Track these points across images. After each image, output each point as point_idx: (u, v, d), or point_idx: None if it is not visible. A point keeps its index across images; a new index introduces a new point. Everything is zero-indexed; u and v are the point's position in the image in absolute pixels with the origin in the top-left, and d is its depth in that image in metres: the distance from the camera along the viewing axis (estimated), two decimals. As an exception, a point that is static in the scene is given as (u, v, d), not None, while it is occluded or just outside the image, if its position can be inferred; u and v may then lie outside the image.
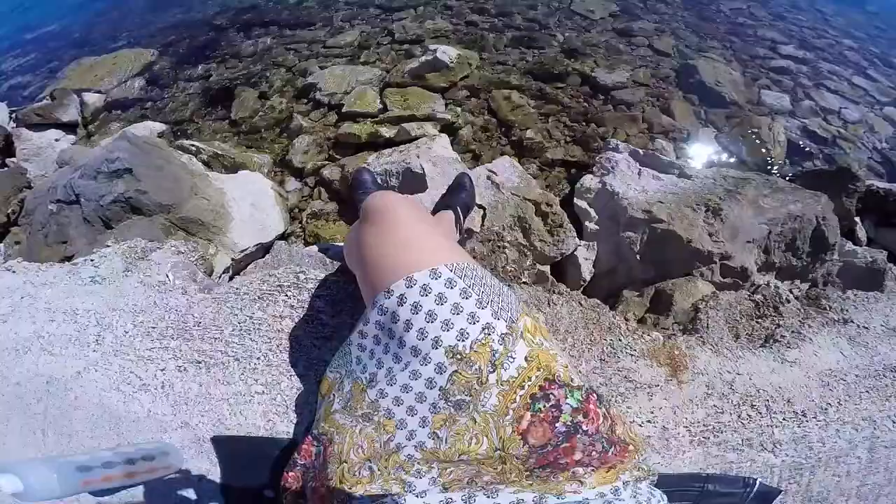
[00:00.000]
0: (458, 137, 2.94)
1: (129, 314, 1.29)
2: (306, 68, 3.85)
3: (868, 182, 2.72)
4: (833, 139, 3.41)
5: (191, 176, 2.31)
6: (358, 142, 2.88)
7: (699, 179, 2.18)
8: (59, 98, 4.10)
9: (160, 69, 4.59)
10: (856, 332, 1.34)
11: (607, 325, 1.28)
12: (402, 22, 4.39)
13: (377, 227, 0.86)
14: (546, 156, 2.83)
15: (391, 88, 3.34)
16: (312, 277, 1.33)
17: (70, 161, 2.85)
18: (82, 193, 2.13)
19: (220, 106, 3.66)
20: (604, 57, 3.87)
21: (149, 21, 6.32)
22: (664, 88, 3.60)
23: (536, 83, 3.46)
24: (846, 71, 4.45)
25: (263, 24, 4.95)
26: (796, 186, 2.18)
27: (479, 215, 1.92)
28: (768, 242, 2.00)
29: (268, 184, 2.60)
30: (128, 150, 2.20)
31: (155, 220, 2.06)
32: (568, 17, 4.57)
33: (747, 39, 4.69)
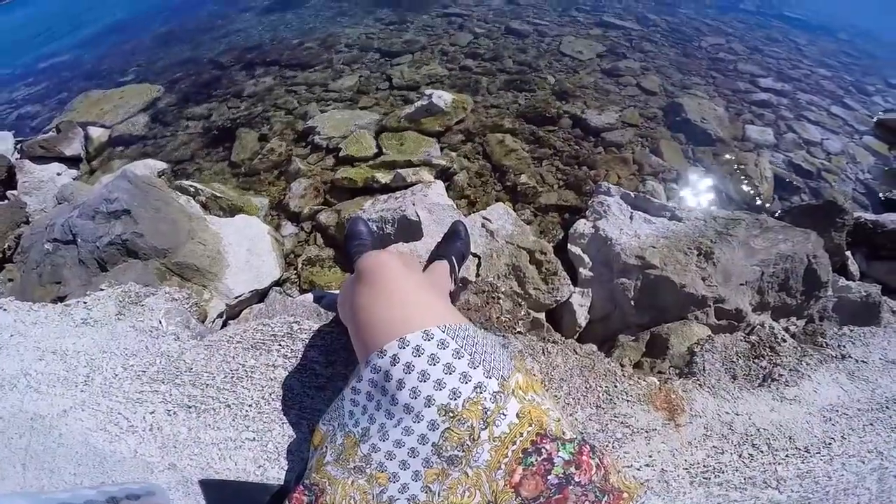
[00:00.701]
0: (453, 183, 2.98)
1: (120, 357, 1.30)
2: (306, 111, 3.95)
3: (856, 215, 2.77)
4: (818, 172, 3.47)
5: (188, 219, 2.33)
6: (354, 186, 2.91)
7: (690, 222, 2.21)
8: (65, 131, 4.18)
9: (165, 106, 4.71)
10: (855, 367, 1.35)
11: (602, 372, 1.29)
12: (400, 67, 4.53)
13: (371, 288, 0.89)
14: (540, 201, 2.86)
15: (388, 133, 3.41)
16: (306, 328, 1.34)
17: (70, 197, 2.87)
18: (79, 234, 2.14)
19: (221, 147, 3.74)
20: (593, 98, 3.97)
21: (158, 56, 6.56)
22: (652, 128, 3.67)
23: (529, 126, 3.54)
24: (824, 101, 4.58)
25: (266, 64, 5.13)
26: (786, 225, 2.22)
27: (474, 264, 1.93)
28: (761, 283, 2.02)
29: (264, 228, 2.62)
30: (127, 191, 2.23)
31: (150, 265, 2.07)
32: (557, 58, 4.70)
33: (728, 74, 4.83)
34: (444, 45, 5.03)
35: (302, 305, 1.68)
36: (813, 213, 2.65)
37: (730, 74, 4.80)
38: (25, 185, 3.42)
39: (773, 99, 4.36)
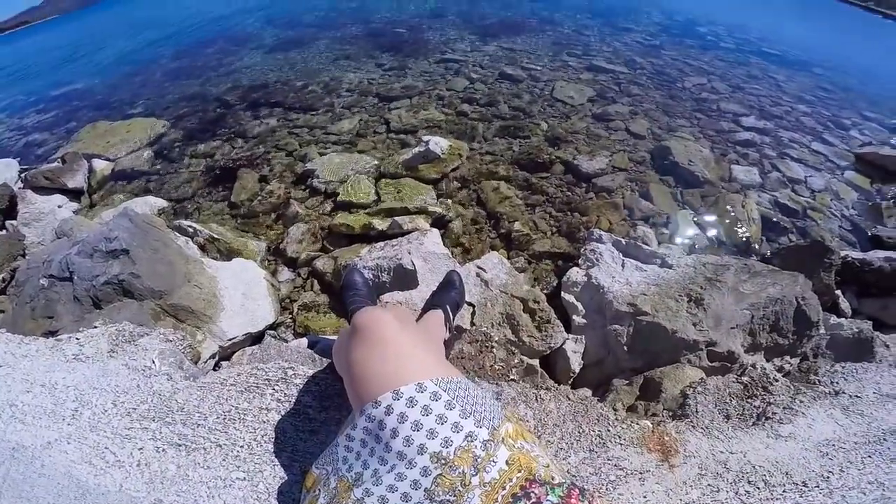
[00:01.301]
0: (448, 230, 3.02)
1: (111, 394, 1.30)
2: (306, 154, 4.02)
3: (843, 253, 2.83)
4: (804, 211, 3.55)
5: (186, 262, 2.35)
6: (352, 233, 2.93)
7: (680, 269, 2.27)
8: (70, 162, 4.23)
9: (170, 142, 4.81)
10: (849, 402, 1.38)
11: (595, 417, 1.31)
12: (398, 112, 4.65)
13: (366, 343, 0.92)
14: (534, 248, 2.90)
15: (385, 179, 3.46)
16: (301, 373, 1.35)
17: (69, 233, 2.88)
18: (76, 271, 2.14)
19: (222, 186, 3.79)
20: (584, 143, 4.07)
21: (166, 90, 6.76)
22: (642, 172, 3.75)
23: (523, 172, 3.61)
24: (805, 138, 4.72)
25: (270, 105, 5.27)
26: (773, 269, 2.27)
27: (469, 312, 1.95)
28: (752, 326, 2.05)
29: (261, 273, 2.65)
30: (128, 230, 2.26)
31: (145, 305, 2.08)
32: (550, 104, 4.85)
33: (712, 114, 4.99)
34: (441, 90, 5.17)
35: (297, 351, 1.70)
36: (801, 254, 2.71)
37: (713, 115, 4.96)
38: (25, 216, 3.42)
39: (756, 138, 4.50)
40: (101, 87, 8.11)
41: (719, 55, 7.45)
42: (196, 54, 8.91)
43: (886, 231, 3.39)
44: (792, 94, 6.05)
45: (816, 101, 5.95)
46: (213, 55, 8.40)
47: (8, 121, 7.65)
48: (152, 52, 10.34)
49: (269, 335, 2.40)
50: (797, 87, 6.37)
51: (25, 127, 6.88)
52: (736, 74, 6.50)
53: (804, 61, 8.17)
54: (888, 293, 2.73)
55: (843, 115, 5.59)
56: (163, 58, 9.32)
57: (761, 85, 6.21)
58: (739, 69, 6.82)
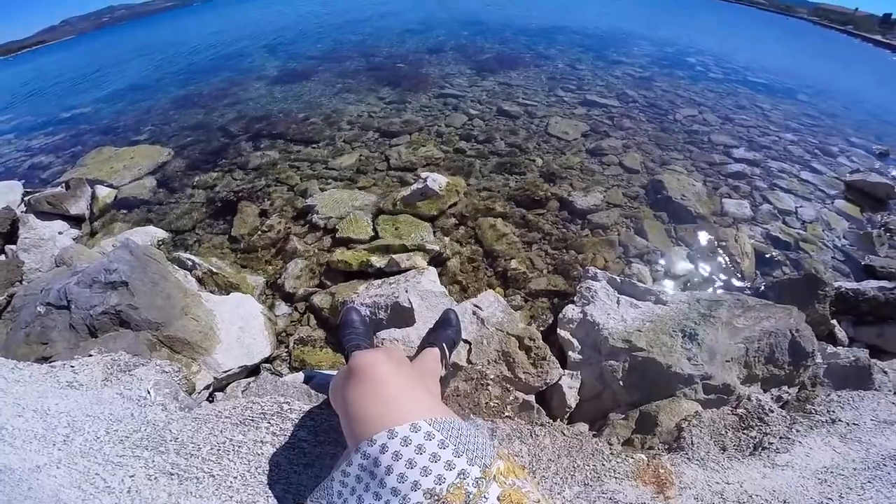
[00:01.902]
0: (446, 268, 3.04)
1: (104, 421, 1.29)
2: (307, 188, 4.05)
3: (837, 284, 2.89)
4: (796, 243, 3.58)
5: (184, 295, 2.38)
6: (349, 269, 2.95)
7: (675, 305, 2.31)
8: (74, 188, 4.23)
9: (172, 171, 4.85)
10: (846, 430, 1.38)
11: (590, 451, 1.31)
12: (398, 148, 4.70)
13: (362, 384, 0.96)
14: (530, 286, 2.92)
15: (384, 216, 3.48)
16: (297, 408, 1.36)
17: (69, 261, 2.90)
18: (74, 301, 2.15)
19: (222, 219, 3.82)
20: (579, 178, 4.13)
21: (172, 117, 6.87)
22: (636, 207, 3.80)
23: (519, 209, 3.65)
24: (793, 167, 4.81)
25: (273, 137, 5.34)
26: (767, 303, 2.30)
27: (465, 350, 1.96)
28: (747, 358, 2.07)
29: (258, 308, 2.66)
30: (128, 262, 2.28)
31: (141, 336, 2.09)
32: (545, 139, 4.93)
33: (703, 147, 5.08)
34: (440, 126, 5.25)
35: (293, 386, 1.70)
36: (795, 286, 2.76)
37: (704, 147, 5.07)
38: (25, 242, 3.41)
39: (746, 169, 4.59)
40: (109, 111, 8.27)
41: (709, 86, 7.70)
42: (202, 82, 9.10)
43: (879, 260, 3.44)
44: (779, 122, 6.23)
45: (803, 128, 6.13)
46: (218, 84, 8.58)
47: (16, 141, 7.77)
48: (161, 79, 10.58)
49: (265, 368, 2.40)
50: (783, 116, 6.57)
51: (32, 148, 6.98)
52: (725, 105, 6.70)
53: (789, 88, 8.47)
54: (884, 320, 2.77)
55: (830, 141, 5.77)
56: (170, 85, 9.53)
57: (749, 115, 6.39)
58: (728, 99, 7.05)
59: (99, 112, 8.39)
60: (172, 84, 9.60)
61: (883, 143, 5.96)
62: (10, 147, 7.41)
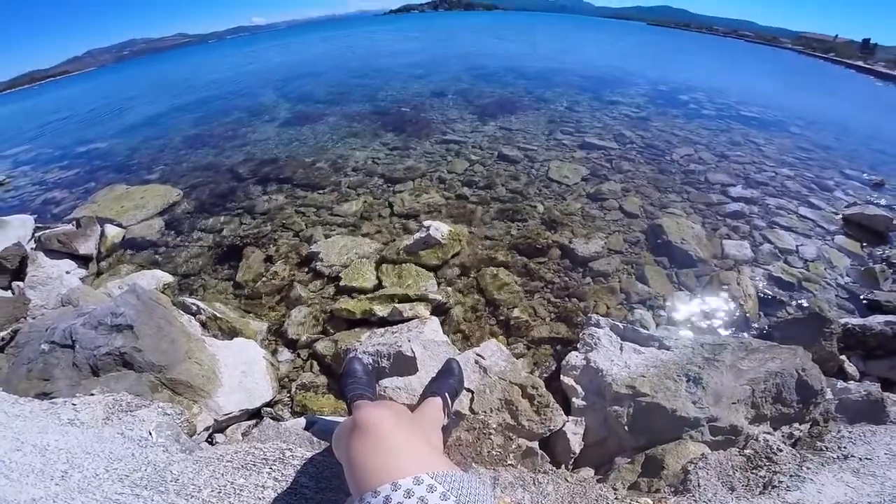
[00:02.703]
0: (448, 317, 3.05)
1: (104, 460, 1.28)
2: (312, 235, 4.11)
3: (843, 321, 2.87)
4: (798, 283, 3.55)
5: (188, 339, 2.41)
6: (353, 318, 2.96)
7: (678, 350, 2.31)
8: (85, 227, 4.29)
9: (181, 213, 4.93)
10: (859, 465, 1.37)
11: (594, 497, 1.31)
12: (401, 195, 4.76)
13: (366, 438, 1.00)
14: (532, 334, 2.91)
15: (387, 264, 3.51)
16: (299, 455, 1.36)
17: (75, 302, 2.92)
18: (79, 341, 2.17)
19: (228, 264, 3.86)
20: (580, 225, 4.15)
21: (183, 157, 7.04)
22: (637, 253, 3.80)
23: (521, 258, 3.66)
24: (791, 203, 4.82)
25: (279, 181, 5.44)
26: (771, 344, 2.29)
27: (467, 398, 1.97)
28: (754, 399, 2.05)
29: (261, 353, 2.68)
30: (134, 307, 2.31)
31: (144, 377, 2.10)
32: (546, 185, 4.99)
33: (700, 187, 5.11)
34: (443, 171, 5.34)
35: (295, 433, 1.70)
36: (799, 326, 2.76)
37: (702, 187, 5.11)
38: (33, 279, 3.43)
39: (744, 208, 4.60)
40: (123, 148, 8.49)
41: (703, 123, 7.86)
42: (214, 121, 9.33)
43: (884, 295, 3.43)
44: (774, 157, 6.32)
45: (798, 162, 6.21)
46: (230, 125, 8.79)
47: (32, 174, 7.96)
48: (175, 116, 10.88)
49: (266, 412, 2.40)
50: (778, 150, 6.67)
51: (47, 182, 7.14)
52: (720, 142, 6.81)
53: (780, 121, 8.63)
54: (894, 353, 2.74)
55: (825, 175, 5.82)
56: (184, 123, 9.79)
57: (744, 151, 6.49)
58: (722, 136, 7.16)
59: (114, 148, 8.65)
60: (186, 122, 9.92)
61: (877, 173, 6.04)
62: (26, 179, 7.61)
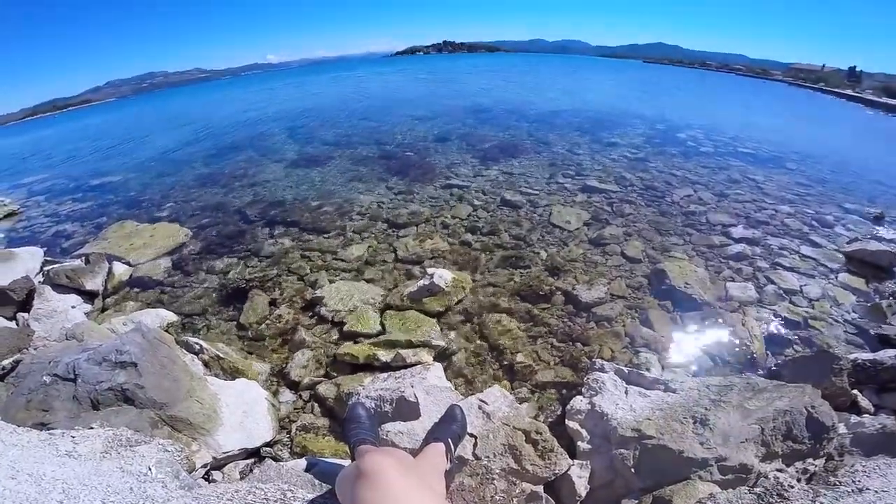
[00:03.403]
0: (451, 363, 3.05)
1: (101, 492, 1.26)
2: (316, 280, 4.16)
3: (853, 356, 2.84)
4: (805, 321, 3.52)
5: (190, 378, 2.43)
6: (356, 362, 2.98)
7: (684, 392, 2.31)
8: (93, 264, 4.35)
9: (188, 253, 4.99)
10: (875, 497, 1.34)
11: None
12: (405, 240, 4.81)
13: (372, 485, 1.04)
14: (537, 378, 2.90)
15: (391, 311, 3.54)
16: (300, 497, 1.35)
17: (80, 336, 2.95)
18: (82, 375, 2.19)
19: (233, 306, 3.90)
20: (582, 271, 4.16)
21: (193, 196, 7.17)
22: (640, 298, 3.79)
23: (524, 304, 3.67)
24: (793, 242, 4.80)
25: (286, 224, 5.52)
26: (778, 384, 2.27)
27: (470, 443, 1.96)
28: (764, 437, 2.03)
29: (262, 394, 2.69)
30: (139, 345, 2.35)
31: (144, 413, 2.10)
32: (548, 230, 5.03)
33: (701, 229, 5.11)
34: (446, 217, 5.40)
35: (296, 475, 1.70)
36: (808, 364, 2.76)
37: (703, 229, 5.12)
38: (38, 311, 3.47)
39: (746, 250, 4.60)
40: (136, 183, 8.68)
41: (701, 162, 7.95)
42: (225, 160, 9.55)
43: (893, 329, 3.40)
44: (773, 194, 6.35)
45: (797, 199, 6.23)
46: (240, 164, 8.98)
47: (45, 205, 8.12)
48: (188, 153, 11.16)
49: (265, 452, 2.39)
50: (776, 187, 6.71)
51: (59, 214, 7.28)
52: (719, 181, 6.86)
53: (776, 156, 8.73)
54: None
55: (825, 210, 5.83)
56: (195, 160, 10.03)
57: (743, 189, 6.53)
58: (721, 174, 7.22)
59: (127, 182, 8.87)
60: (198, 158, 10.18)
61: (876, 206, 6.06)
62: (39, 210, 7.77)
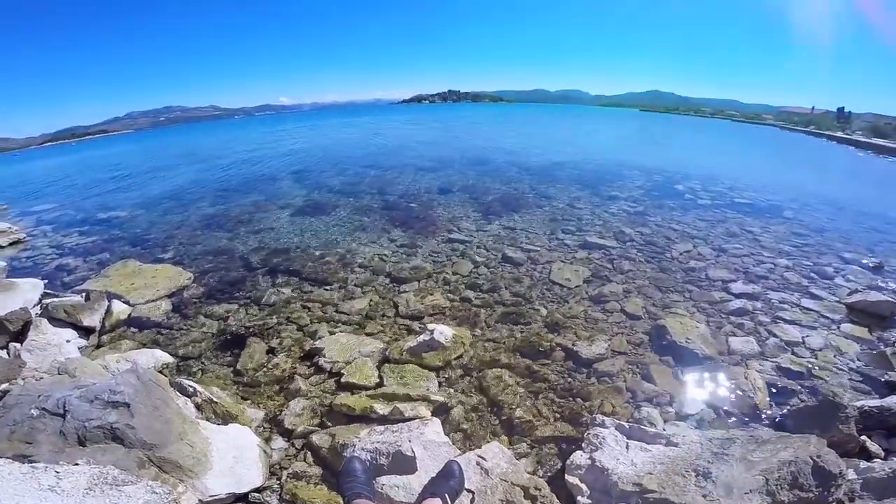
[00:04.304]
0: (449, 417, 3.02)
1: None
2: (316, 330, 4.17)
3: (859, 404, 2.80)
4: (808, 371, 3.50)
5: (182, 421, 2.41)
6: (352, 413, 2.95)
7: (686, 446, 2.29)
8: (93, 301, 4.36)
9: (189, 297, 5.01)
10: None
11: None
12: (407, 295, 4.83)
13: None
14: (536, 433, 2.87)
15: (390, 364, 3.55)
16: None
17: (72, 372, 2.92)
18: (72, 412, 2.16)
19: (230, 352, 3.89)
20: (583, 328, 4.17)
21: (198, 238, 7.25)
22: (641, 354, 3.78)
23: (524, 360, 3.67)
24: (793, 296, 4.80)
25: (289, 273, 5.57)
26: (782, 434, 2.25)
27: (468, 499, 1.94)
28: (769, 487, 2.00)
29: (254, 440, 2.66)
30: (133, 387, 2.34)
31: (132, 453, 2.07)
32: (549, 287, 5.06)
33: (702, 285, 5.12)
34: (448, 273, 5.45)
35: None
36: (813, 413, 2.73)
37: (703, 285, 5.14)
38: (32, 343, 3.46)
39: (747, 304, 4.61)
40: (143, 220, 8.80)
41: (699, 215, 8.07)
42: (232, 202, 9.71)
43: None
44: (771, 247, 6.40)
45: (795, 250, 6.28)
46: (247, 207, 9.13)
47: (52, 235, 8.18)
48: (196, 192, 11.36)
49: (254, 497, 2.35)
50: (774, 239, 6.77)
51: (64, 247, 7.33)
52: (717, 235, 6.94)
53: (773, 206, 8.85)
54: None
55: (824, 261, 5.86)
56: (203, 200, 10.22)
57: (742, 242, 6.59)
58: (719, 227, 7.31)
59: (134, 219, 9.01)
60: (206, 199, 10.38)
61: (875, 255, 6.08)
62: (45, 241, 7.84)
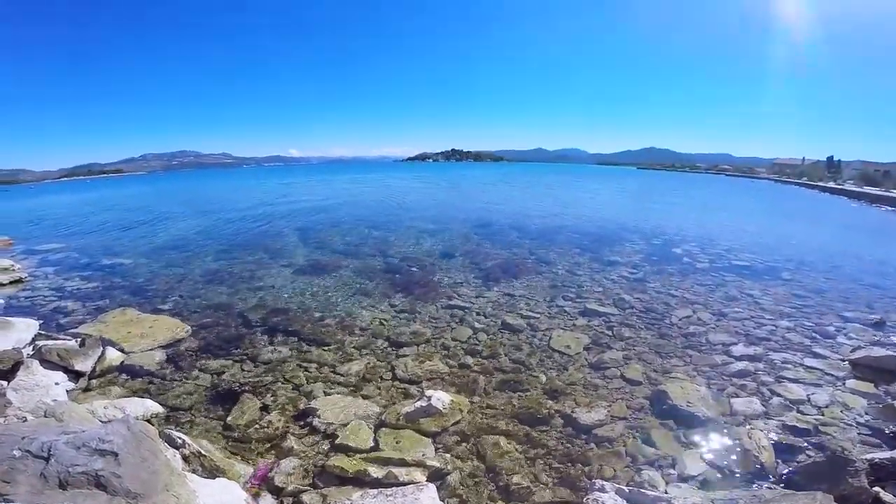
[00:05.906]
0: (445, 482, 2.95)
1: None
2: (311, 390, 4.13)
3: (869, 456, 2.75)
4: (815, 428, 3.43)
5: (169, 472, 2.38)
6: (345, 475, 2.89)
7: None
8: (87, 347, 4.32)
9: (185, 350, 4.96)
10: None
11: None
12: (405, 360, 4.78)
13: None
14: (534, 499, 2.80)
15: (386, 428, 3.49)
16: None
17: (59, 417, 2.87)
18: (56, 456, 2.12)
19: (221, 406, 3.83)
20: (582, 394, 4.10)
21: (199, 291, 7.26)
22: (641, 418, 3.71)
23: (523, 427, 3.60)
24: (796, 356, 4.74)
25: (287, 332, 5.53)
26: (787, 492, 2.21)
27: None
28: None
29: (242, 495, 2.61)
30: (123, 437, 2.31)
31: (115, 501, 2.03)
32: (548, 355, 5.00)
33: (703, 349, 5.05)
34: (446, 339, 5.41)
35: None
36: (821, 468, 2.69)
37: (704, 349, 5.08)
38: (20, 382, 3.42)
39: (749, 366, 4.55)
40: (145, 269, 8.86)
41: (698, 279, 8.10)
42: (235, 258, 9.80)
43: None
44: (771, 309, 6.39)
45: (795, 312, 6.28)
46: (249, 264, 9.19)
47: (53, 277, 8.21)
48: (201, 244, 11.53)
49: None
50: (774, 301, 6.77)
51: (64, 290, 7.35)
52: (716, 299, 6.93)
53: (771, 267, 8.92)
54: None
55: (825, 321, 5.85)
56: (207, 253, 10.33)
57: (741, 306, 6.58)
58: (718, 292, 7.31)
59: (136, 267, 9.09)
60: (209, 252, 10.51)
61: (875, 311, 6.10)
62: (46, 282, 7.88)
